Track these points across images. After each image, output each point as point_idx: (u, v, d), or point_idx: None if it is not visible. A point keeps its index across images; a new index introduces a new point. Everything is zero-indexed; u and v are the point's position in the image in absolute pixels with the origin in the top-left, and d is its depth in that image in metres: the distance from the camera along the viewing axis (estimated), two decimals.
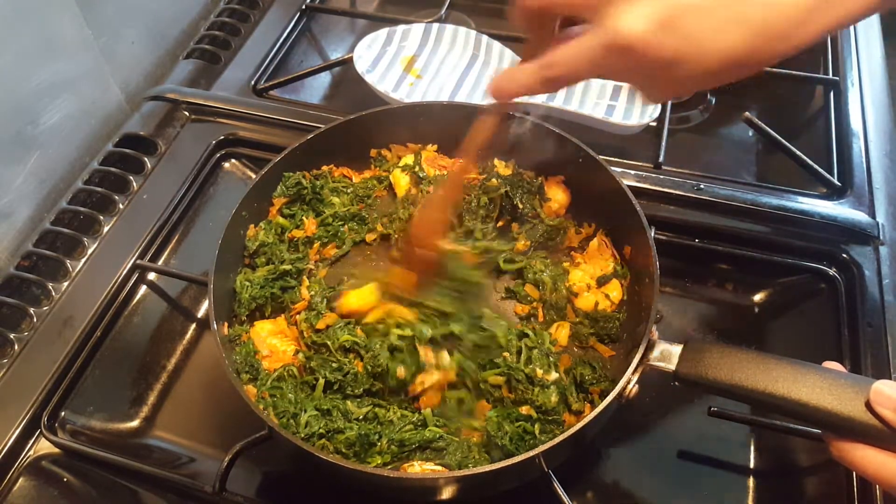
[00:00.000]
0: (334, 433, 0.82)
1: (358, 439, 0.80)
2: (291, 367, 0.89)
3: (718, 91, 1.33)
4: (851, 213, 1.06)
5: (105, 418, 0.95)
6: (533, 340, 0.89)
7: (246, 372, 0.88)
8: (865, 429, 0.66)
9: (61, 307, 1.02)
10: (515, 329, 0.90)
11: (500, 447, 0.80)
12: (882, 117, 1.23)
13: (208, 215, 1.17)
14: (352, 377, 0.87)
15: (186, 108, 1.28)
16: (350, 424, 0.83)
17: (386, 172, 1.09)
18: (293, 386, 0.87)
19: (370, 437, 0.81)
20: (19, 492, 0.89)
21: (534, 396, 0.84)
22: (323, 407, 0.84)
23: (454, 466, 0.79)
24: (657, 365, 0.78)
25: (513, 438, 0.81)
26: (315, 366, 0.88)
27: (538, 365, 0.86)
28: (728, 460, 0.90)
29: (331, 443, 0.81)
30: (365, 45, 1.31)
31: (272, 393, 0.85)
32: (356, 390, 0.86)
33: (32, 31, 1.08)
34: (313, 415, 0.82)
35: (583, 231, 1.03)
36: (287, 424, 0.82)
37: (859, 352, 0.93)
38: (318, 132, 1.03)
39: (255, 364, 0.88)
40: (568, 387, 0.86)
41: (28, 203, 1.15)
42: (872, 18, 1.43)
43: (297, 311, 0.95)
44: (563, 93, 1.25)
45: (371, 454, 0.81)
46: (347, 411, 0.84)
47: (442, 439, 0.81)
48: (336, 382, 0.87)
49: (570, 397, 0.86)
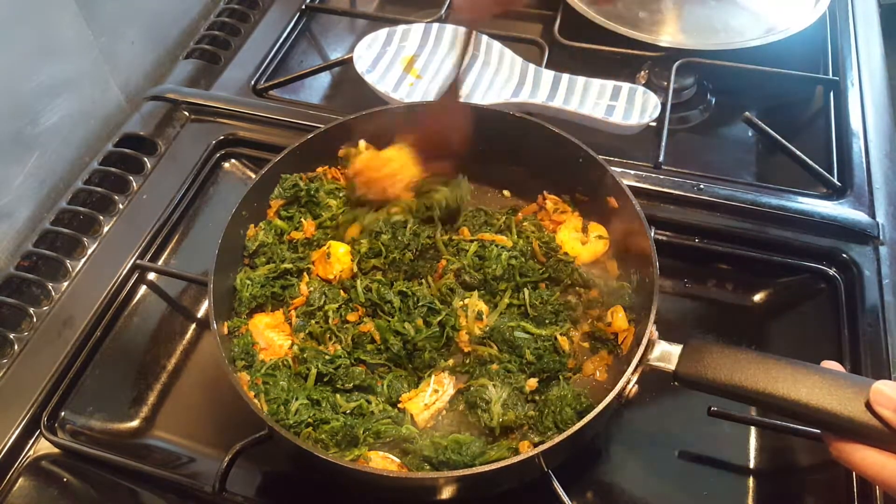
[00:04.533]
0: (321, 423, 0.83)
1: (342, 429, 0.82)
2: (286, 359, 0.90)
3: (718, 91, 1.33)
4: (851, 213, 1.06)
5: (105, 418, 0.95)
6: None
7: (241, 359, 0.89)
8: (865, 429, 0.66)
9: (61, 307, 1.02)
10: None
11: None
12: (882, 117, 1.23)
13: (208, 215, 1.17)
14: (343, 370, 0.89)
15: (186, 108, 1.27)
16: (336, 416, 0.84)
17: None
18: (286, 375, 0.88)
19: (355, 429, 0.82)
20: (19, 492, 0.89)
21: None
22: (313, 397, 0.86)
23: (415, 465, 0.81)
24: (657, 365, 0.78)
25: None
26: (308, 357, 0.89)
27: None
28: (728, 460, 0.90)
29: (315, 432, 0.83)
30: (365, 45, 1.31)
31: (265, 380, 0.86)
32: (346, 384, 0.88)
33: (32, 31, 1.08)
34: (304, 403, 0.84)
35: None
36: (276, 411, 0.83)
37: (859, 352, 0.93)
38: (318, 132, 1.03)
39: (251, 353, 0.90)
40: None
41: (28, 203, 1.15)
42: (872, 18, 1.43)
43: (296, 307, 0.96)
44: (563, 93, 1.25)
45: (352, 447, 0.82)
46: (336, 404, 0.86)
47: (415, 440, 0.83)
48: (328, 375, 0.88)
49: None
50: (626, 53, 1.32)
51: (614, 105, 1.23)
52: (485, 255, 0.98)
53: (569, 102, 1.23)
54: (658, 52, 1.30)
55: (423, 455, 0.81)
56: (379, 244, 0.97)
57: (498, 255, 0.98)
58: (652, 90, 1.21)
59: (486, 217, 1.05)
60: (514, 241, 1.01)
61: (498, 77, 1.31)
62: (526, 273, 0.98)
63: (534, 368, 0.90)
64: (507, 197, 1.11)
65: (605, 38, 1.32)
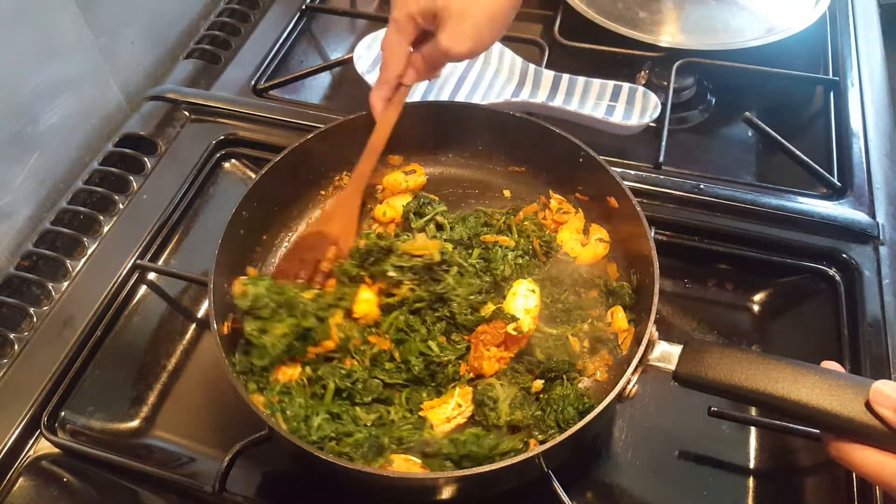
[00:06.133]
0: (343, 436, 0.81)
1: (367, 440, 0.80)
2: (302, 380, 0.88)
3: (718, 91, 1.33)
4: (851, 213, 1.06)
5: (105, 418, 0.95)
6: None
7: (254, 382, 0.86)
8: (865, 429, 0.66)
9: (61, 307, 1.02)
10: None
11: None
12: (882, 117, 1.23)
13: (208, 215, 1.17)
14: (361, 385, 0.87)
15: (186, 108, 1.27)
16: (358, 428, 0.83)
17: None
18: (302, 393, 0.85)
19: (380, 439, 0.81)
20: (19, 492, 0.89)
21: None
22: (333, 411, 0.84)
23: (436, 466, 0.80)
24: (657, 365, 0.78)
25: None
26: (323, 373, 0.87)
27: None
28: (728, 460, 0.90)
29: (339, 445, 0.81)
30: (365, 45, 1.31)
31: (281, 398, 0.84)
32: (365, 398, 0.86)
33: (32, 31, 1.08)
34: (325, 418, 0.82)
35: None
36: (297, 428, 0.81)
37: (859, 352, 0.93)
38: (318, 132, 1.03)
39: (264, 376, 0.86)
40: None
41: (28, 203, 1.15)
42: (872, 18, 1.43)
43: (326, 351, 0.90)
44: (563, 93, 1.25)
45: (378, 456, 0.81)
46: (356, 417, 0.84)
47: (435, 443, 0.82)
48: (345, 390, 0.86)
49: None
50: (626, 53, 1.32)
51: (614, 105, 1.23)
52: (489, 256, 0.98)
53: (569, 102, 1.23)
54: (658, 52, 1.30)
55: (444, 454, 0.80)
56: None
57: (504, 256, 0.97)
58: (652, 90, 1.21)
59: (486, 217, 1.05)
60: (515, 241, 1.00)
61: (498, 77, 1.31)
62: (533, 272, 0.98)
63: (542, 368, 0.89)
64: (507, 197, 1.11)
65: (605, 38, 1.32)
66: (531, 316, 0.89)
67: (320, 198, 1.12)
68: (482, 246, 0.99)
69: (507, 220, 1.04)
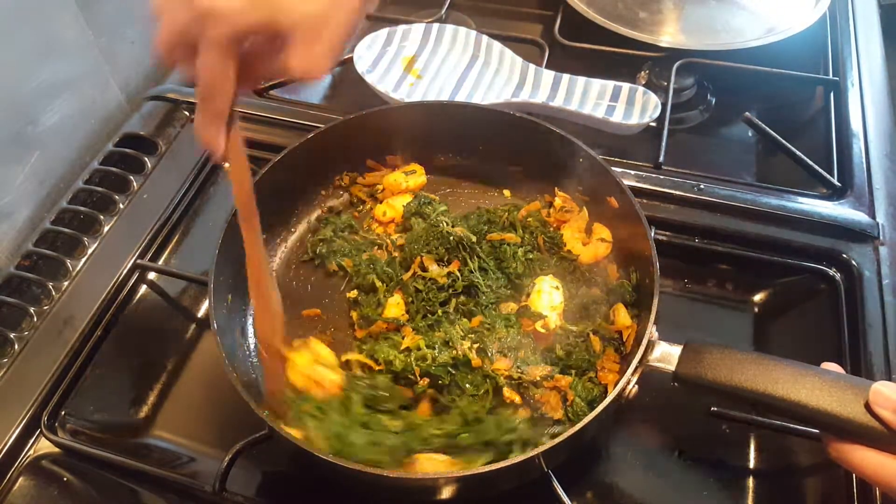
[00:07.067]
0: (374, 444, 0.80)
1: (402, 446, 0.79)
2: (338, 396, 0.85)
3: (718, 91, 1.33)
4: (851, 214, 1.06)
5: (105, 418, 0.95)
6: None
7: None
8: (865, 430, 0.66)
9: (61, 307, 1.02)
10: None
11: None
12: (882, 117, 1.23)
13: (208, 215, 1.17)
14: (383, 396, 0.85)
15: (186, 108, 1.27)
16: (388, 435, 0.81)
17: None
18: (335, 407, 0.83)
19: (411, 444, 0.79)
20: (19, 491, 0.89)
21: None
22: (363, 421, 0.82)
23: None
24: (657, 366, 0.78)
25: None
26: (346, 386, 0.85)
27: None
28: (728, 460, 0.90)
29: (372, 455, 0.79)
30: (365, 45, 1.31)
31: (314, 415, 0.81)
32: (390, 406, 0.85)
33: (32, 31, 1.08)
34: (360, 432, 0.80)
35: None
36: (341, 450, 0.77)
37: (859, 352, 0.93)
38: (318, 132, 1.03)
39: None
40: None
41: (28, 203, 1.15)
42: (872, 18, 1.43)
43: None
44: (563, 93, 1.25)
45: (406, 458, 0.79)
46: (384, 425, 0.83)
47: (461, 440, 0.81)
48: (370, 400, 0.85)
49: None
50: (626, 53, 1.32)
51: (614, 105, 1.23)
52: (498, 255, 0.98)
53: (569, 102, 1.23)
54: (658, 53, 1.30)
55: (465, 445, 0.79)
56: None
57: (514, 254, 0.98)
58: (652, 90, 1.21)
59: (489, 215, 1.04)
60: (521, 237, 1.01)
61: (498, 77, 1.31)
62: (544, 268, 0.98)
63: (562, 364, 0.89)
64: (507, 197, 1.11)
65: (605, 39, 1.32)
66: (556, 312, 0.89)
67: (320, 197, 1.12)
68: (490, 245, 0.99)
69: (511, 216, 1.04)
